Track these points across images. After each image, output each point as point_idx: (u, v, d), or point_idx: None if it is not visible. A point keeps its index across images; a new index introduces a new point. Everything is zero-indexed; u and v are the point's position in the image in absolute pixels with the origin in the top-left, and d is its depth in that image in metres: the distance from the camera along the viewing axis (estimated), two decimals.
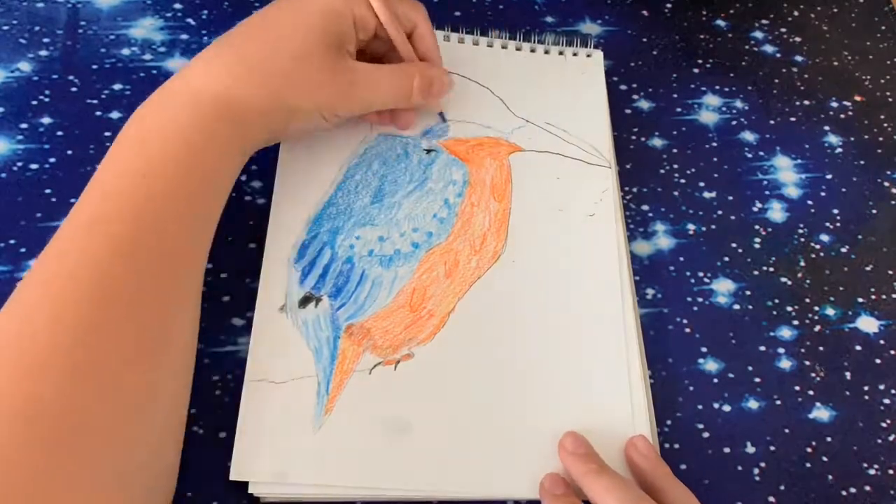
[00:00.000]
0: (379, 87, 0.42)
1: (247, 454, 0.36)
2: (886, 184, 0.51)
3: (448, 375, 0.40)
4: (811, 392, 0.43)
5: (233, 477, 0.36)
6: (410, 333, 0.41)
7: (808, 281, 0.46)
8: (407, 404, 0.39)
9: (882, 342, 0.45)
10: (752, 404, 0.42)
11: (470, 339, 0.41)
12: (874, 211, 0.49)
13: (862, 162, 0.51)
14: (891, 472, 0.41)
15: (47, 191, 0.43)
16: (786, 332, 0.44)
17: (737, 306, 0.45)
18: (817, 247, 0.48)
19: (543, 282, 0.43)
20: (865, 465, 0.41)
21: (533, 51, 0.51)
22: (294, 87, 0.39)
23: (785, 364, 0.43)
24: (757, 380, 0.43)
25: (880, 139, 0.52)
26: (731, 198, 0.49)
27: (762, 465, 0.40)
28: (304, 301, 0.41)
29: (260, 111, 0.38)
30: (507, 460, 0.38)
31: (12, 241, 0.42)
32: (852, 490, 0.40)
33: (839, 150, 0.52)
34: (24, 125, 0.45)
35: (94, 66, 0.48)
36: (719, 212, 0.48)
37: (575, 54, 0.52)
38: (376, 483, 0.37)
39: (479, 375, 0.40)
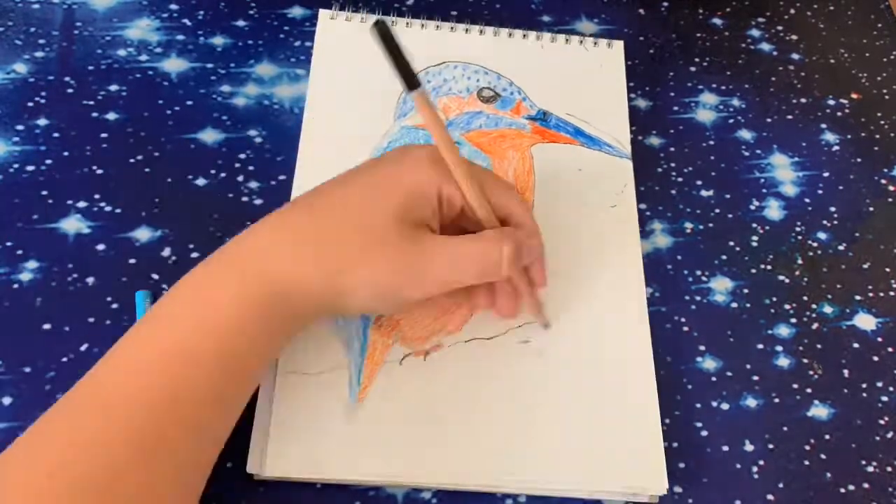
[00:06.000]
0: (459, 261, 0.36)
1: (280, 446, 0.37)
2: (883, 181, 0.51)
3: (477, 365, 0.40)
4: (809, 390, 0.43)
5: (267, 473, 0.36)
6: (439, 324, 0.41)
7: (805, 279, 0.46)
8: (438, 394, 0.39)
9: (880, 339, 0.45)
10: (751, 402, 0.42)
11: (498, 329, 0.41)
12: (871, 208, 0.49)
13: (859, 159, 0.51)
14: (889, 469, 0.41)
15: (44, 192, 0.43)
16: (784, 330, 0.44)
17: (735, 304, 0.45)
18: (815, 244, 0.48)
19: (567, 272, 0.43)
20: (864, 462, 0.41)
21: (553, 41, 0.51)
22: (349, 263, 0.35)
23: (783, 362, 0.44)
24: (755, 378, 0.43)
25: (877, 136, 0.52)
26: (728, 196, 0.49)
27: (761, 463, 0.40)
28: None
29: (313, 293, 0.35)
30: (536, 449, 0.38)
31: (9, 244, 0.41)
32: (851, 487, 0.40)
33: (836, 147, 0.52)
34: (20, 127, 0.45)
35: (91, 68, 0.48)
36: (717, 210, 0.48)
37: (595, 44, 0.52)
38: (408, 473, 0.37)
39: (506, 365, 0.40)
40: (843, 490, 0.40)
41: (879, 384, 0.43)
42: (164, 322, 0.33)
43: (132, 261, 0.42)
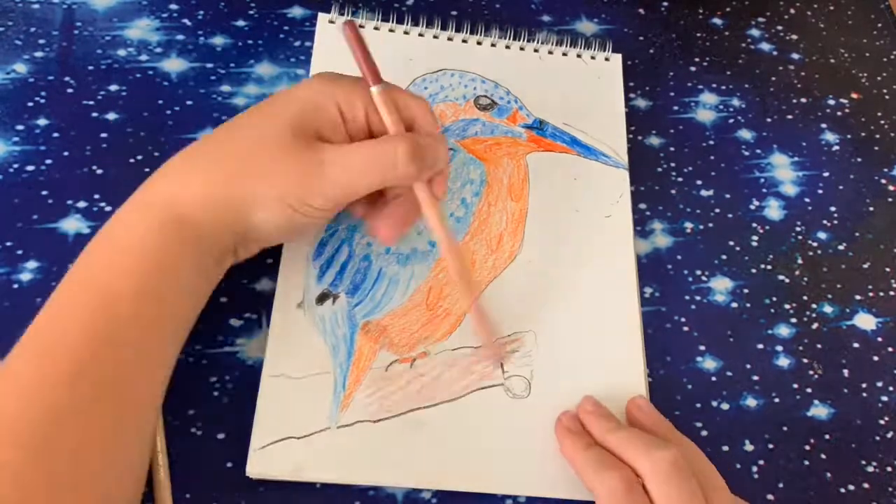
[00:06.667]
0: (355, 163, 0.36)
1: (264, 449, 0.37)
2: (883, 181, 0.51)
3: (463, 373, 0.40)
4: (809, 390, 0.43)
5: (249, 472, 0.36)
6: (426, 332, 0.41)
7: (805, 279, 0.46)
8: (422, 401, 0.39)
9: (880, 339, 0.45)
10: (751, 402, 0.42)
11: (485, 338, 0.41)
12: (871, 208, 0.49)
13: (859, 159, 0.51)
14: (889, 469, 0.41)
15: (44, 192, 0.43)
16: (784, 330, 0.44)
17: (735, 304, 0.45)
18: (815, 244, 0.48)
19: (559, 282, 0.43)
20: (864, 462, 0.41)
21: (551, 53, 0.51)
22: (247, 173, 0.35)
23: (783, 362, 0.44)
24: (755, 378, 0.43)
25: (877, 136, 0.52)
26: (728, 196, 0.49)
27: (761, 463, 0.40)
28: (322, 298, 0.41)
29: (220, 213, 0.35)
30: (522, 457, 0.38)
31: (9, 244, 0.41)
32: (851, 487, 0.40)
33: (836, 147, 0.52)
34: (20, 127, 0.45)
35: (91, 68, 0.48)
36: (717, 210, 0.48)
37: (593, 57, 0.52)
38: (391, 478, 0.37)
39: (493, 373, 0.40)
40: (843, 490, 0.40)
41: (879, 384, 0.43)
42: (89, 268, 0.34)
43: None
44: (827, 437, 0.42)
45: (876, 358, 0.44)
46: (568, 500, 0.38)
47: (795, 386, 0.43)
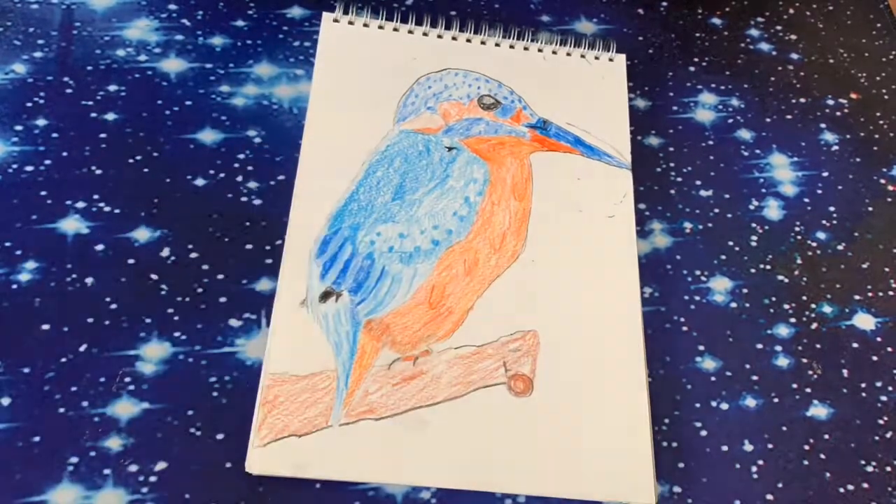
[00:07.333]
0: None
1: (265, 447, 0.37)
2: (883, 181, 0.51)
3: (466, 371, 0.40)
4: (808, 390, 0.43)
5: (249, 469, 0.36)
6: (429, 330, 0.41)
7: (804, 278, 0.46)
8: (425, 399, 0.39)
9: (879, 339, 0.45)
10: (750, 402, 0.42)
11: (488, 337, 0.41)
12: (870, 208, 0.49)
13: (858, 159, 0.51)
14: (888, 469, 0.41)
15: (43, 193, 0.43)
16: (783, 330, 0.45)
17: (734, 304, 0.45)
18: (814, 244, 0.48)
19: (562, 282, 0.43)
20: (863, 462, 0.41)
21: (555, 52, 0.51)
22: None
23: (782, 362, 0.44)
24: (754, 378, 0.43)
25: (876, 136, 0.53)
26: (727, 196, 0.49)
27: (760, 462, 0.40)
28: (325, 295, 0.41)
29: None
30: (523, 455, 0.38)
31: (8, 244, 0.41)
32: (850, 487, 0.40)
33: (835, 147, 0.52)
34: (19, 127, 0.45)
35: (90, 68, 0.48)
36: (716, 210, 0.48)
37: (597, 58, 0.52)
38: (392, 476, 0.37)
39: (495, 371, 0.40)
40: (842, 490, 0.40)
41: (879, 384, 0.43)
42: None
43: (131, 261, 0.42)
44: (826, 436, 0.42)
45: (875, 358, 0.44)
46: (568, 499, 0.38)
47: (795, 386, 0.43)
